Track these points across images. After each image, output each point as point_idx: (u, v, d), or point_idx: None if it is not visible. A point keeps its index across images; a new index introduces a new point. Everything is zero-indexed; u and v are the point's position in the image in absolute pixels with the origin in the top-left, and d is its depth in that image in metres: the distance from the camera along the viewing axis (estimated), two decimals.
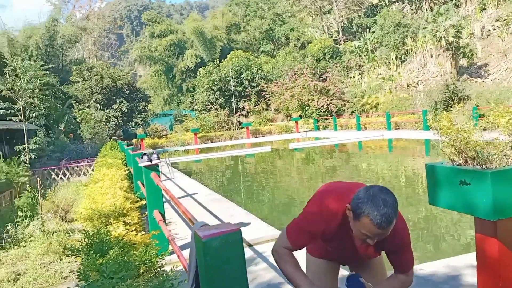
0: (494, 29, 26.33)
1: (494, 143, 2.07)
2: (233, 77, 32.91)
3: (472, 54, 25.26)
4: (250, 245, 4.82)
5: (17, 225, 6.32)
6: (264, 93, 32.80)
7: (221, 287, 1.58)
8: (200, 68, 37.05)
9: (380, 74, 29.79)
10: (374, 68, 31.03)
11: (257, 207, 8.32)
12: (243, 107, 33.48)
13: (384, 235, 1.68)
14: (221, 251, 1.56)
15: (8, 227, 6.20)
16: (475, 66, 25.28)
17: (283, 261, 1.91)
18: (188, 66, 42.01)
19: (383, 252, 2.01)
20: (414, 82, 27.06)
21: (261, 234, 5.10)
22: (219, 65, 35.73)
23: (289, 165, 15.19)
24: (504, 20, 25.52)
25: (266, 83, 32.94)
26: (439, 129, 2.19)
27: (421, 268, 3.57)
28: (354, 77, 31.71)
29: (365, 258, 1.96)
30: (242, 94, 33.90)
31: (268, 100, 33.06)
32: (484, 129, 2.31)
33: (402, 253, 1.89)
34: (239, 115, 33.11)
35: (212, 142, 26.64)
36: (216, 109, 32.90)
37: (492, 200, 1.88)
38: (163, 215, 4.70)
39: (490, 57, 25.02)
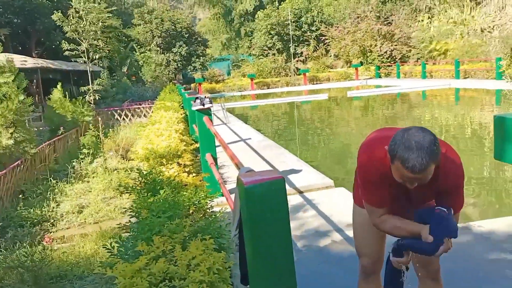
0: None
1: None
2: (292, 20, 31.85)
3: None
4: (300, 192, 4.81)
5: (82, 161, 6.73)
6: (324, 37, 31.56)
7: (263, 235, 1.54)
8: (259, 11, 36.13)
9: (452, 18, 27.48)
10: (446, 11, 28.63)
11: (310, 154, 8.26)
12: (301, 53, 32.59)
13: (422, 180, 1.56)
14: (263, 198, 1.52)
15: (73, 163, 6.62)
16: None
17: (389, 224, 1.80)
18: (247, 9, 41.12)
19: None
20: (489, 26, 24.74)
21: (311, 182, 5.06)
22: (278, 8, 34.63)
23: (346, 114, 14.81)
24: None
25: (326, 27, 31.61)
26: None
27: (480, 225, 3.38)
28: (422, 20, 29.53)
29: (419, 205, 1.83)
30: (301, 39, 32.89)
31: (328, 45, 31.86)
32: None
33: (452, 194, 1.74)
34: (297, 60, 32.34)
35: (268, 88, 26.46)
36: (274, 54, 32.32)
37: None
38: (215, 159, 4.77)
39: None
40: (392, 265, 1.85)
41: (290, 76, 29.13)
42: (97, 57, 16.39)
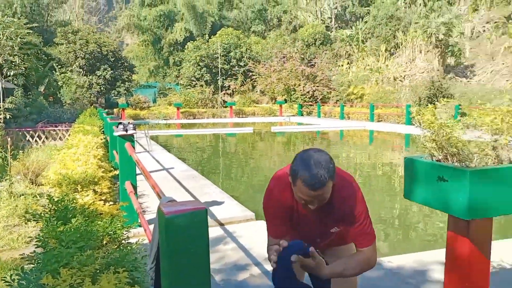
0: (484, 31, 26.53)
1: (476, 142, 2.03)
2: (221, 54, 32.44)
3: (460, 54, 25.45)
4: (221, 224, 4.76)
5: None
6: (251, 73, 32.50)
7: (181, 267, 1.50)
8: (189, 42, 36.38)
9: (368, 65, 29.83)
10: (363, 59, 31.03)
11: (233, 186, 8.26)
12: (229, 86, 33.14)
13: (322, 198, 1.65)
14: (184, 229, 1.48)
15: None
16: (462, 66, 25.50)
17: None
18: (177, 39, 41.21)
19: (353, 244, 1.96)
20: (401, 76, 27.19)
21: (233, 214, 5.04)
22: (208, 41, 35.16)
23: (270, 148, 15.15)
24: (495, 23, 25.71)
25: (254, 64, 32.61)
26: (422, 122, 2.13)
27: (389, 261, 3.58)
28: (342, 65, 31.67)
29: (324, 234, 1.91)
30: (229, 73, 33.52)
31: (255, 81, 32.80)
32: (467, 128, 2.26)
33: (354, 222, 1.83)
34: (224, 93, 32.79)
35: (194, 118, 26.38)
36: (202, 85, 32.48)
37: (468, 199, 1.83)
38: (134, 187, 4.59)
39: (477, 58, 25.25)
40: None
41: (217, 108, 29.36)
42: (11, 73, 15.31)
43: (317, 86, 28.97)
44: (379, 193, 7.32)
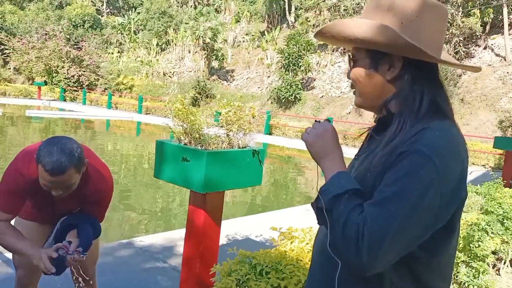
0: (243, 41, 30.05)
1: (215, 134, 2.41)
2: None
3: (223, 59, 28.13)
4: None
5: None
6: (3, 47, 28.04)
7: None
8: None
9: (140, 57, 29.82)
10: (135, 50, 30.83)
11: None
12: None
13: (65, 186, 1.70)
14: None
15: None
16: (224, 70, 28.26)
17: (2, 235, 1.77)
18: None
19: None
20: (171, 72, 28.22)
21: None
22: None
23: (22, 134, 13.49)
24: (252, 36, 29.46)
25: (8, 37, 28.24)
26: (172, 110, 2.39)
27: (141, 240, 3.79)
28: (112, 53, 30.68)
29: (64, 212, 1.96)
30: None
31: (8, 56, 28.45)
32: (221, 127, 2.60)
33: (99, 205, 1.98)
34: None
35: None
36: None
37: (205, 176, 2.17)
38: None
39: (237, 64, 28.41)
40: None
41: None
42: None
43: (84, 71, 27.22)
44: (136, 177, 7.53)
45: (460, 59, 17.58)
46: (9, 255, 3.14)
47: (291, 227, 2.44)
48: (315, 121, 1.10)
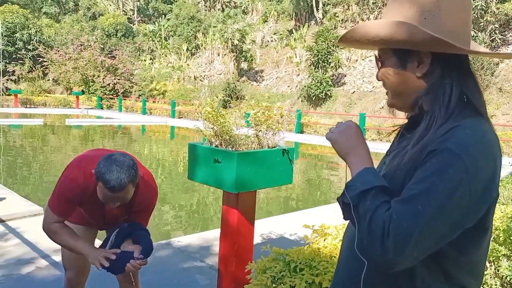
0: (271, 41, 30.07)
1: (246, 134, 2.47)
2: (3, 34, 28.25)
3: (252, 59, 28.26)
4: (2, 221, 4.33)
5: None
6: (42, 59, 29.25)
7: None
8: None
9: (171, 63, 30.37)
10: (166, 56, 31.43)
11: (18, 182, 7.46)
12: (13, 71, 29.13)
13: (123, 199, 1.78)
14: None
15: None
16: (253, 71, 28.38)
17: (59, 235, 1.90)
18: None
19: None
20: (201, 75, 28.60)
21: (16, 210, 4.63)
22: None
23: (63, 142, 14.05)
24: (280, 35, 29.44)
25: (45, 49, 29.45)
26: (202, 114, 2.47)
27: (179, 240, 3.90)
28: (145, 60, 31.41)
29: (113, 220, 2.06)
30: (14, 56, 29.46)
31: (46, 68, 29.64)
32: (251, 128, 2.66)
33: (144, 214, 2.06)
34: (8, 79, 28.67)
35: None
36: None
37: (236, 176, 2.23)
38: None
39: (266, 64, 28.46)
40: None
41: None
42: None
43: (119, 79, 28.02)
44: (172, 180, 7.70)
45: (496, 47, 16.94)
46: (57, 258, 3.32)
47: (323, 225, 2.46)
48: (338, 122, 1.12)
